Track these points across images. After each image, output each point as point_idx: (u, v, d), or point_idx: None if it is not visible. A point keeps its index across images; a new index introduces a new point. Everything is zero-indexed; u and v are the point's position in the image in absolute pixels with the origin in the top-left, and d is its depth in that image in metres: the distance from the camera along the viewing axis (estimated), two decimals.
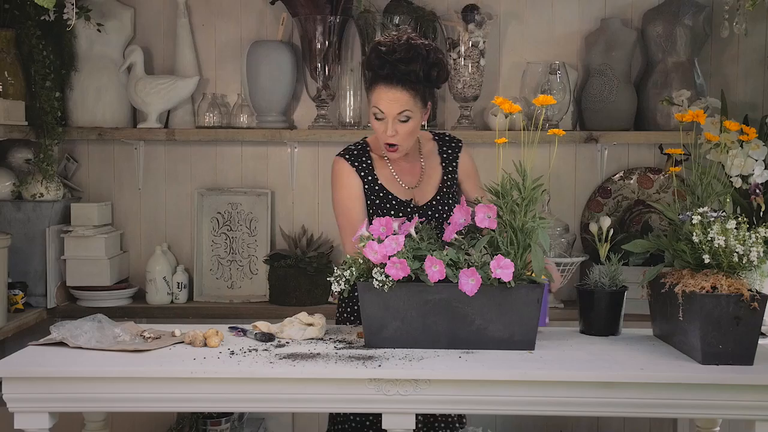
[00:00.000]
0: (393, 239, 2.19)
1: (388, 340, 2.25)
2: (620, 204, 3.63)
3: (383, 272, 2.17)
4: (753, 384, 2.09)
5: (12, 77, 3.22)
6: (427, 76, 2.48)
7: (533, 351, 2.27)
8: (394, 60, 2.44)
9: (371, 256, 2.19)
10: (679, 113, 2.43)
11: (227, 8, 3.67)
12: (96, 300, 3.47)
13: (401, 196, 2.62)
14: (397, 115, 2.47)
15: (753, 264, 2.14)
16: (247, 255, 3.66)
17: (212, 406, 2.42)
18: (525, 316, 2.24)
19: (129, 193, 3.70)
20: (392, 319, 2.24)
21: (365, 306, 2.24)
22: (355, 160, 2.62)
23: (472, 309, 2.22)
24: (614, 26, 3.52)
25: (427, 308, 2.23)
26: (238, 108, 3.59)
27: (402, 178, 2.64)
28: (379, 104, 2.48)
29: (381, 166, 2.64)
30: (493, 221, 2.22)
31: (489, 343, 2.24)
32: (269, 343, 2.34)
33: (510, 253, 2.20)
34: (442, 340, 2.24)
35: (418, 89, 2.48)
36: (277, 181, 3.69)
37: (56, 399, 2.11)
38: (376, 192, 2.61)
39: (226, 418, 3.39)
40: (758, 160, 2.56)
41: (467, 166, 2.70)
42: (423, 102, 2.51)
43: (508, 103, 2.23)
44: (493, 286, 2.20)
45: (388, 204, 2.60)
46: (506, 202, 2.22)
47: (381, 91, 2.47)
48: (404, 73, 2.45)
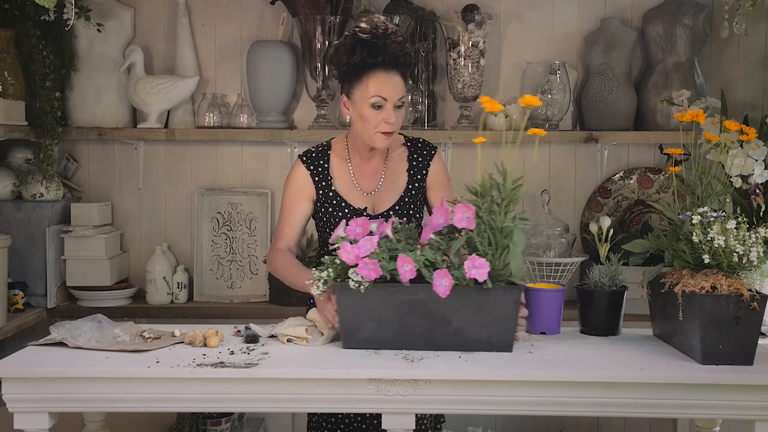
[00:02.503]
0: (367, 240, 2.18)
1: (364, 341, 2.24)
2: (620, 204, 3.63)
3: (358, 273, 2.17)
4: (753, 384, 2.09)
5: (12, 77, 3.22)
6: (410, 60, 2.49)
7: (532, 351, 2.27)
8: (388, 44, 2.40)
9: (345, 257, 2.18)
10: (679, 113, 2.43)
11: (227, 8, 3.67)
12: (96, 300, 3.47)
13: (356, 203, 2.56)
14: (396, 101, 2.44)
15: (753, 264, 2.14)
16: (247, 255, 3.67)
17: (212, 406, 2.41)
18: (502, 318, 2.22)
19: (129, 193, 3.70)
20: (369, 320, 2.22)
21: (342, 307, 2.23)
22: (311, 163, 2.58)
23: (449, 310, 2.20)
24: (614, 26, 3.52)
25: (404, 309, 2.21)
26: (238, 108, 3.59)
27: (361, 182, 2.58)
28: (381, 92, 2.42)
29: (340, 170, 2.58)
30: (472, 221, 2.20)
31: (466, 344, 2.23)
32: (257, 344, 2.34)
33: (488, 254, 2.18)
34: (418, 341, 2.23)
35: (407, 74, 2.48)
36: (277, 181, 3.68)
37: (56, 399, 2.10)
38: (329, 199, 2.56)
39: (226, 418, 3.39)
40: (758, 160, 2.56)
41: (437, 175, 2.61)
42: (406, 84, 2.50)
43: (491, 102, 2.23)
44: (470, 287, 2.17)
45: (341, 212, 2.55)
46: (485, 202, 2.21)
47: (380, 77, 2.42)
48: (399, 56, 2.42)
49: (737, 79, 3.61)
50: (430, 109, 3.55)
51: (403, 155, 2.62)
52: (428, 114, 3.55)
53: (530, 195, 3.63)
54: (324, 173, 2.58)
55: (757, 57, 3.59)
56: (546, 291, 2.48)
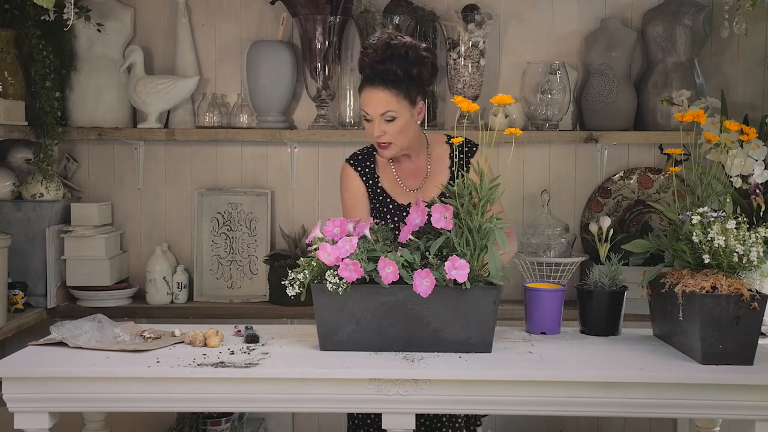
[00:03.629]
0: (346, 241, 2.18)
1: (342, 343, 2.24)
2: (620, 204, 3.63)
3: (336, 274, 2.16)
4: (753, 384, 2.09)
5: (12, 77, 3.22)
6: (407, 74, 2.52)
7: (532, 351, 2.27)
8: (372, 61, 2.51)
9: (324, 258, 2.18)
10: (679, 113, 2.43)
11: (227, 8, 3.67)
12: (96, 300, 3.47)
13: (400, 199, 2.66)
14: (381, 116, 2.52)
15: (753, 264, 2.14)
16: (247, 255, 3.67)
17: (212, 406, 2.42)
18: (482, 318, 2.22)
19: (129, 193, 3.70)
20: (347, 321, 2.22)
21: (319, 309, 2.23)
22: (358, 164, 2.70)
23: (428, 311, 2.20)
24: (614, 26, 3.52)
25: (383, 310, 2.21)
26: (238, 108, 3.59)
27: (404, 180, 2.68)
28: (363, 106, 2.56)
29: (384, 169, 2.70)
30: (449, 222, 2.20)
31: (445, 345, 2.23)
32: (257, 344, 2.34)
33: (466, 254, 2.18)
34: (397, 342, 2.23)
35: (400, 88, 2.52)
36: (277, 181, 3.69)
37: (56, 399, 2.11)
38: (377, 195, 2.67)
39: (226, 418, 3.39)
40: (758, 160, 2.56)
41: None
42: (410, 100, 2.55)
43: (466, 102, 2.25)
44: (449, 287, 2.18)
45: (385, 207, 2.66)
46: (463, 203, 2.21)
47: (365, 92, 2.55)
48: (382, 72, 2.50)
49: (737, 79, 3.61)
50: (430, 109, 3.55)
51: (446, 152, 2.71)
52: (428, 114, 3.54)
53: (530, 195, 3.64)
54: (371, 173, 2.69)
55: (757, 57, 3.59)
56: (546, 291, 2.48)
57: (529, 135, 3.41)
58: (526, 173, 3.67)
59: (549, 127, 3.42)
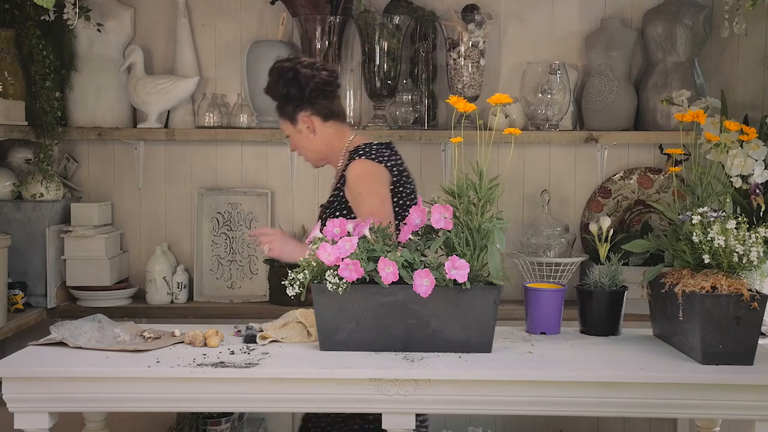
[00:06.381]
0: (346, 240, 2.18)
1: (342, 343, 2.24)
2: (620, 204, 3.63)
3: (336, 274, 2.16)
4: (753, 384, 2.09)
5: (12, 77, 3.22)
6: (280, 96, 2.67)
7: (532, 351, 2.27)
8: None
9: (324, 258, 2.18)
10: (679, 113, 2.43)
11: (227, 8, 3.67)
12: (96, 300, 3.47)
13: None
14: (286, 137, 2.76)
15: (753, 264, 2.15)
16: (247, 255, 3.67)
17: (212, 406, 2.42)
18: (482, 318, 2.22)
19: (129, 193, 3.70)
20: (347, 321, 2.22)
21: (319, 308, 2.23)
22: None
23: (428, 311, 2.21)
24: (614, 26, 3.52)
25: (382, 310, 2.21)
26: (238, 108, 3.59)
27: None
28: None
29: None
30: (449, 222, 2.19)
31: (445, 345, 2.23)
32: (257, 344, 2.34)
33: (465, 254, 2.18)
34: (397, 342, 2.23)
35: (284, 109, 2.69)
36: (277, 181, 3.69)
37: (56, 399, 2.11)
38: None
39: (226, 418, 3.39)
40: (758, 160, 2.56)
41: (349, 182, 2.63)
42: (289, 120, 2.68)
43: (462, 102, 2.24)
44: (449, 287, 2.18)
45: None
46: (462, 203, 2.20)
47: None
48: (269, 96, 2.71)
49: (737, 79, 3.61)
50: (430, 109, 3.55)
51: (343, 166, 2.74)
52: (428, 114, 3.55)
53: (530, 195, 3.64)
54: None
55: (757, 57, 3.59)
56: (546, 291, 2.48)
57: (529, 135, 3.41)
58: (526, 173, 3.67)
59: (549, 127, 3.42)
